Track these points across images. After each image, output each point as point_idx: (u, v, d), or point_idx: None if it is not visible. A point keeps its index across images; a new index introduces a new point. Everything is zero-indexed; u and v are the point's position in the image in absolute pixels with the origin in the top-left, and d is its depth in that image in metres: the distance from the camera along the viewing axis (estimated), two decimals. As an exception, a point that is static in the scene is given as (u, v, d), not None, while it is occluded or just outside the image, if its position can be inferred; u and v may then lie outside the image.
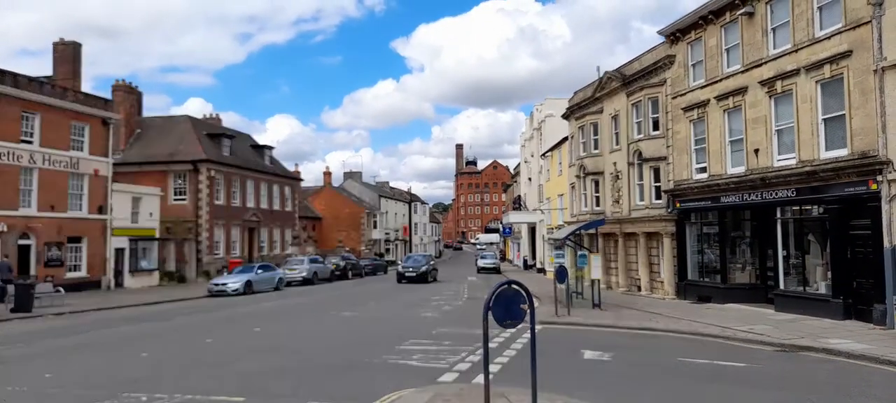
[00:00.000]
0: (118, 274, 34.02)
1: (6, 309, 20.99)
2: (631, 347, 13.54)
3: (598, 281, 21.73)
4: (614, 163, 29.15)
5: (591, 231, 27.15)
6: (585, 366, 11.18)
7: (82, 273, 31.66)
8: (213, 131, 48.07)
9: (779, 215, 19.23)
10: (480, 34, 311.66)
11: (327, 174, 78.28)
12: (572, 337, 14.92)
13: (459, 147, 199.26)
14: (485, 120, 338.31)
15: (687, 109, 23.43)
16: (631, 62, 28.17)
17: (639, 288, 27.45)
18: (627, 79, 27.82)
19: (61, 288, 24.38)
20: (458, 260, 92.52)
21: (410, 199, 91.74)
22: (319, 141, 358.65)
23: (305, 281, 38.29)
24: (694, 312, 19.40)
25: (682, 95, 23.85)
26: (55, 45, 34.25)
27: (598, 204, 31.04)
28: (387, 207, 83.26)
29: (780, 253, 19.13)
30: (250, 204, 48.78)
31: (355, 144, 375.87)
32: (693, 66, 23.41)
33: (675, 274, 24.40)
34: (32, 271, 28.13)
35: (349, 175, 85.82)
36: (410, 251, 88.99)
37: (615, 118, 29.23)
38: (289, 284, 36.67)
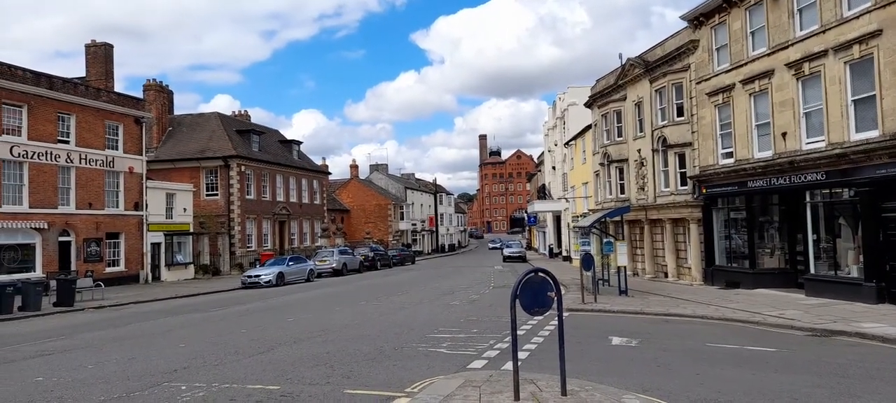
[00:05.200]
0: (155, 267, 35.02)
1: (49, 302, 21.77)
2: (658, 333, 13.56)
3: (625, 267, 21.74)
4: (638, 150, 28.96)
5: (617, 218, 27.05)
6: (613, 352, 11.25)
7: (121, 267, 32.62)
8: (242, 127, 48.88)
9: (808, 199, 18.99)
10: (500, 24, 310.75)
11: (354, 167, 78.97)
12: (599, 324, 15.00)
13: (483, 137, 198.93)
14: (507, 110, 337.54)
15: (712, 94, 23.19)
16: (653, 48, 27.92)
17: (665, 275, 27.33)
18: (650, 66, 27.58)
19: (101, 283, 25.18)
20: (482, 250, 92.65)
21: (436, 190, 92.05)
22: (344, 134, 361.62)
23: (335, 272, 38.90)
24: (722, 297, 19.31)
25: (706, 80, 23.60)
26: (87, 46, 34.97)
27: (622, 192, 30.90)
28: (413, 198, 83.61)
29: (810, 237, 18.90)
30: (280, 197, 49.56)
31: (380, 137, 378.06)
32: (717, 50, 23.14)
33: (703, 260, 24.24)
34: (73, 266, 29.07)
35: (375, 167, 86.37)
36: (437, 242, 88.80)
37: (638, 105, 29.02)
38: (319, 275, 37.31)
